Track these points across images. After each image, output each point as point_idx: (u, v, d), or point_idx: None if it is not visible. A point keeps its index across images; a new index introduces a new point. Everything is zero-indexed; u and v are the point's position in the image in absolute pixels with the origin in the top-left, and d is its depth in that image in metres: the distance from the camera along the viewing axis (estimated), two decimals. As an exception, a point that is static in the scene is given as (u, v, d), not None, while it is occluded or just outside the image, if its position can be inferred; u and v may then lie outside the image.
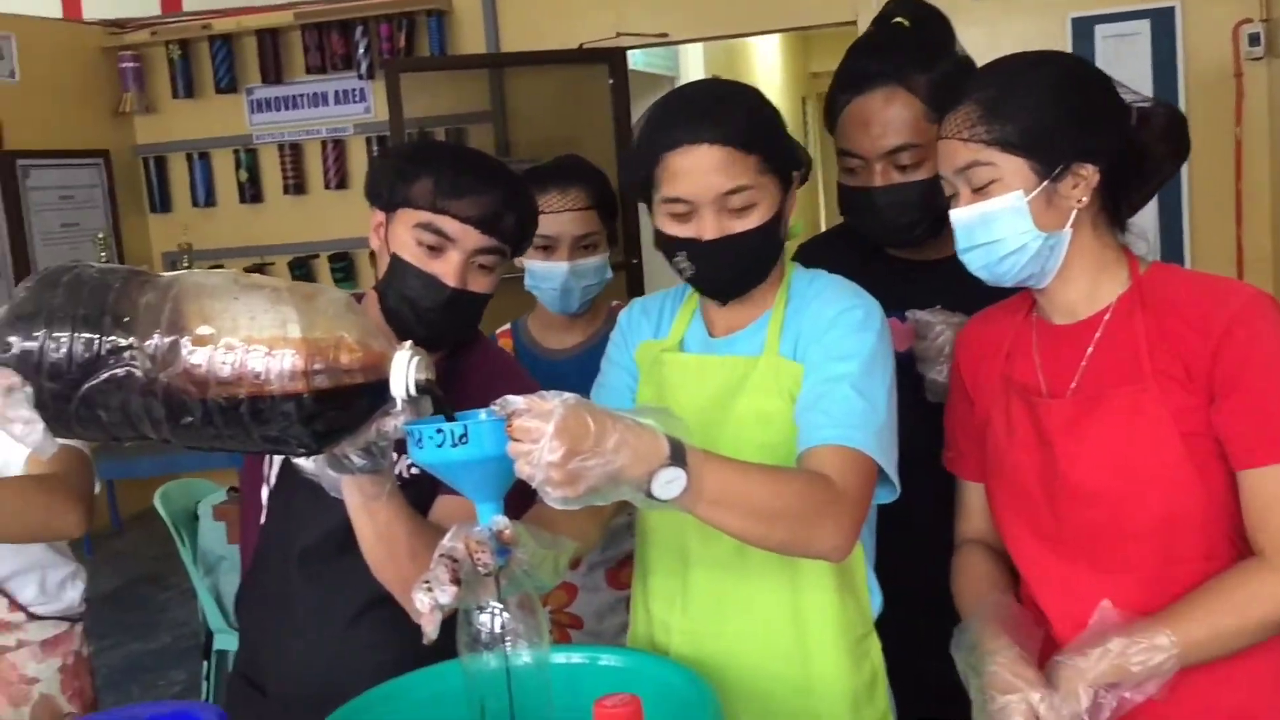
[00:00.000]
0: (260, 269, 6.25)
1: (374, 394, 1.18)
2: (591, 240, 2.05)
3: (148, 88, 6.41)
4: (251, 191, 6.38)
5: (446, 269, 1.48)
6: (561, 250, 2.02)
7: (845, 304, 1.42)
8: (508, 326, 2.21)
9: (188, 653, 4.08)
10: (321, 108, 6.28)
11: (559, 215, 2.00)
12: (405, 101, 5.45)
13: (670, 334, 1.52)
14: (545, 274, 2.03)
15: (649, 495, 1.15)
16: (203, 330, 1.12)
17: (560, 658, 1.35)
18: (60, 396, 1.11)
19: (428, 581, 1.14)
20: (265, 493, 1.54)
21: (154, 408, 1.12)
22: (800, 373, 1.40)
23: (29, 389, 1.10)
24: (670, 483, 1.14)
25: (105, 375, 1.11)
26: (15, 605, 1.76)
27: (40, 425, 1.11)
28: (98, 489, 1.74)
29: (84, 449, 1.72)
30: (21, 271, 5.80)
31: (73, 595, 1.83)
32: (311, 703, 1.34)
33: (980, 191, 1.35)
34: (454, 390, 1.54)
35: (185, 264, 6.31)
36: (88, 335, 1.11)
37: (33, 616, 1.78)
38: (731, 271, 1.42)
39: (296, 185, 6.30)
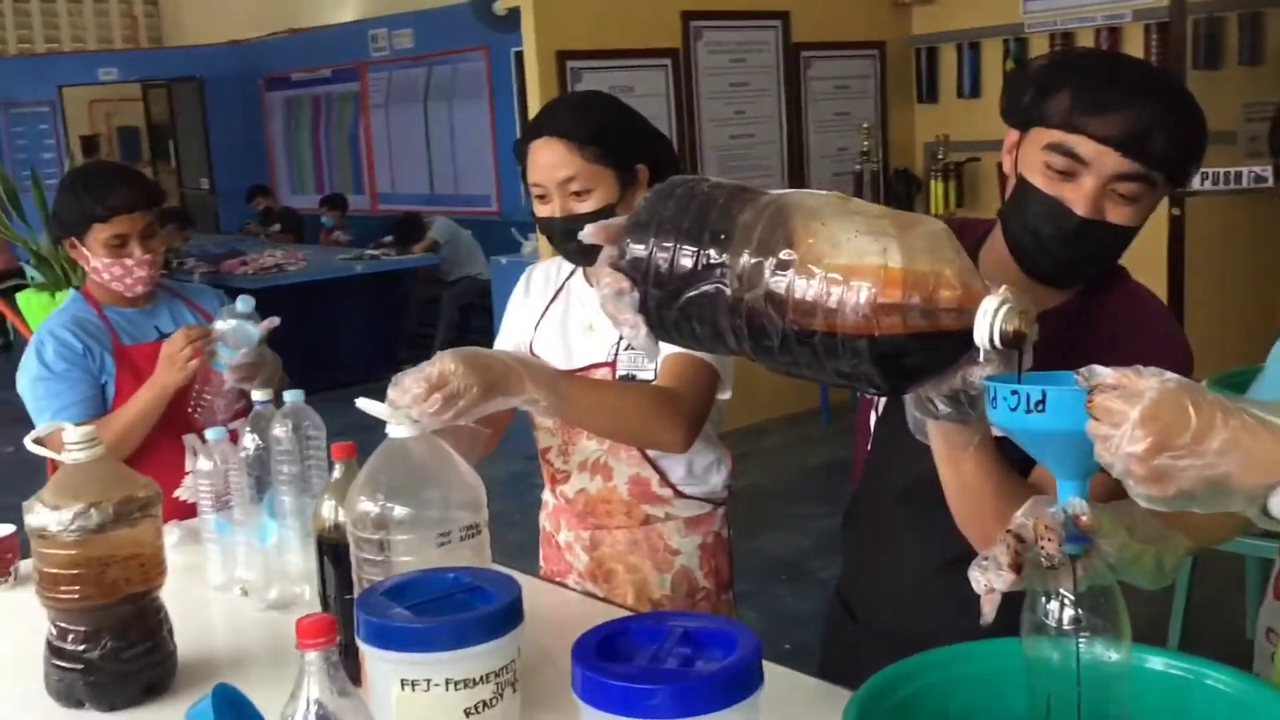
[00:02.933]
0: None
1: (960, 340, 1.07)
2: None
3: (926, -24, 6.49)
4: (1016, 83, 6.22)
5: (1076, 196, 1.29)
6: None
7: None
8: None
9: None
10: (1099, -8, 5.89)
11: None
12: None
13: None
14: None
15: (1266, 513, 0.92)
16: (785, 255, 1.09)
17: (1157, 664, 1.16)
18: (662, 304, 1.16)
19: (986, 560, 1.04)
20: (873, 419, 1.51)
21: (739, 326, 1.13)
22: None
23: (636, 294, 1.16)
24: None
25: (700, 289, 1.13)
26: (665, 482, 1.92)
27: (644, 329, 1.17)
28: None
29: (716, 366, 1.78)
30: (796, 157, 6.28)
31: (716, 480, 1.96)
32: (893, 640, 1.30)
33: None
34: (1076, 337, 1.36)
35: (941, 155, 6.39)
36: (689, 248, 1.14)
37: (680, 494, 1.93)
38: None
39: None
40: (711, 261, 1.12)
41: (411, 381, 1.42)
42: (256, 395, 1.91)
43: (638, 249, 1.17)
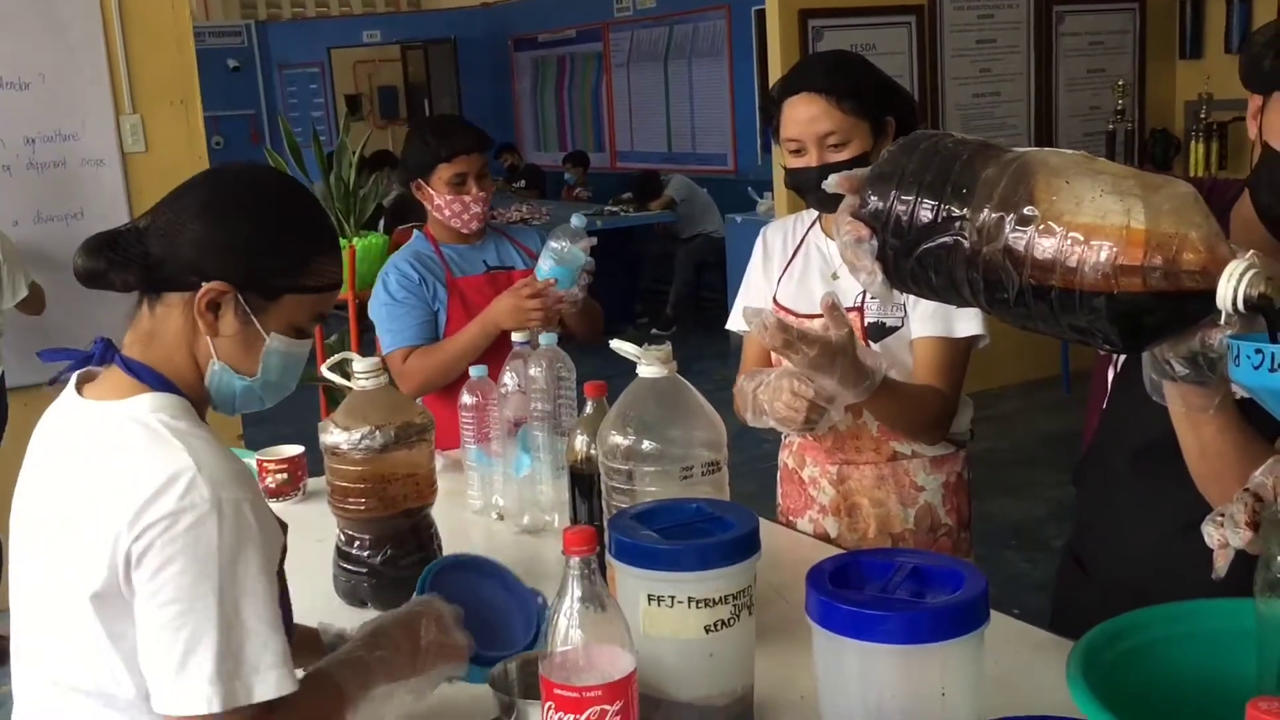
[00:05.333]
0: None
1: (1201, 302, 1.08)
2: None
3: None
4: (1292, 37, 5.81)
5: None
6: None
7: None
8: None
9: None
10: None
11: None
12: None
13: None
14: None
15: None
16: (1027, 211, 1.13)
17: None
18: (900, 253, 1.19)
19: (1221, 516, 1.05)
20: (1110, 374, 1.51)
21: (975, 279, 1.17)
22: None
23: (875, 241, 1.22)
24: None
25: (938, 241, 1.17)
26: None
27: (880, 277, 1.23)
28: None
29: (973, 327, 1.93)
30: (1044, 115, 6.08)
31: (963, 422, 2.02)
32: (1130, 600, 1.32)
33: None
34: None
35: (1203, 115, 6.04)
36: (929, 200, 1.17)
37: None
38: None
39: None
40: (952, 215, 1.16)
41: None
42: (516, 336, 2.07)
43: (879, 199, 1.21)
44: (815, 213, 2.09)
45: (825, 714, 1.19)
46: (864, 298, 1.95)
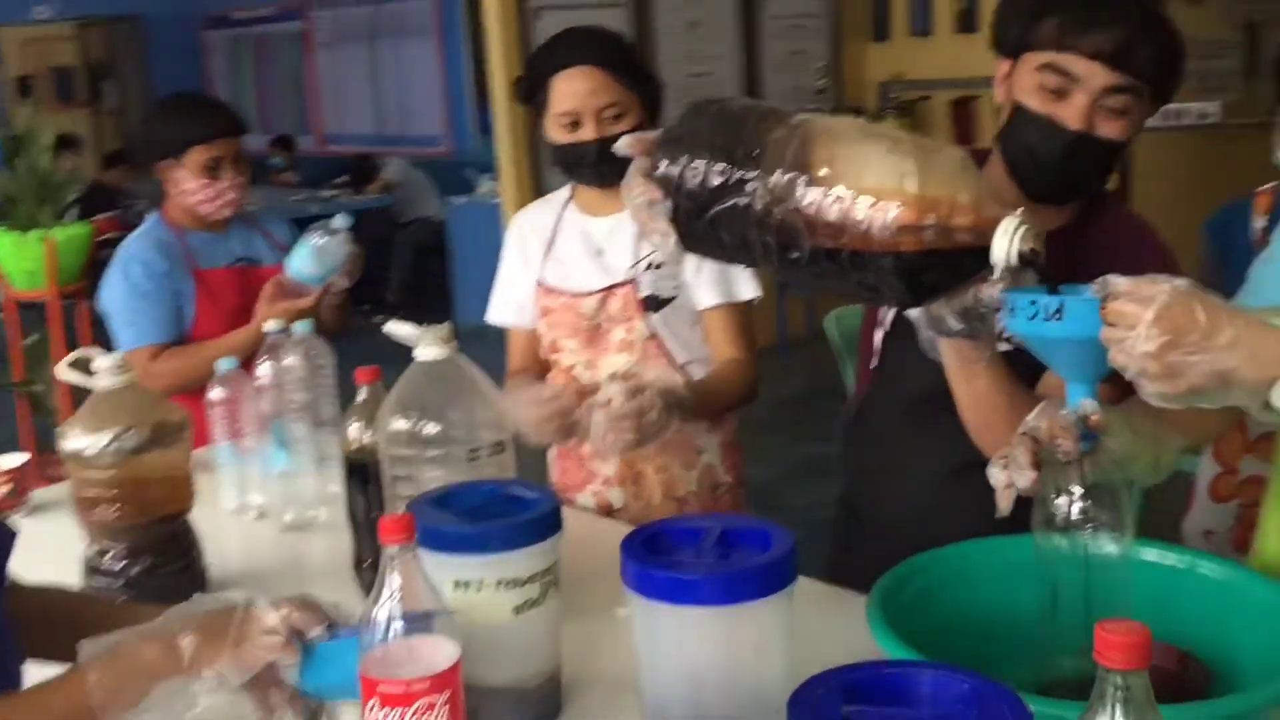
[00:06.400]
0: (966, 103, 6.22)
1: (976, 259, 1.15)
2: None
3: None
4: (968, 20, 6.30)
5: (1070, 112, 1.38)
6: None
7: None
8: (1272, 185, 1.92)
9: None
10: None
11: None
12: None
13: None
14: None
15: (1267, 405, 1.02)
16: (821, 172, 1.16)
17: (1152, 555, 1.27)
18: (692, 215, 1.20)
19: (1005, 458, 1.13)
20: (879, 336, 1.59)
21: (766, 239, 1.19)
22: None
23: (669, 204, 1.22)
24: None
25: (730, 202, 1.18)
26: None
27: (673, 238, 1.23)
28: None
29: (751, 287, 2.00)
30: (751, 97, 6.32)
31: None
32: (905, 544, 1.39)
33: None
34: (1077, 256, 1.45)
35: (894, 95, 6.46)
36: (721, 162, 1.18)
37: None
38: None
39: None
40: (745, 177, 1.18)
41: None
42: (269, 325, 1.96)
43: (670, 161, 1.22)
44: (567, 192, 2.09)
45: (644, 684, 1.18)
46: (636, 271, 1.96)
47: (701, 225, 1.22)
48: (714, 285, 1.97)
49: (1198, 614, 1.22)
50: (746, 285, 1.98)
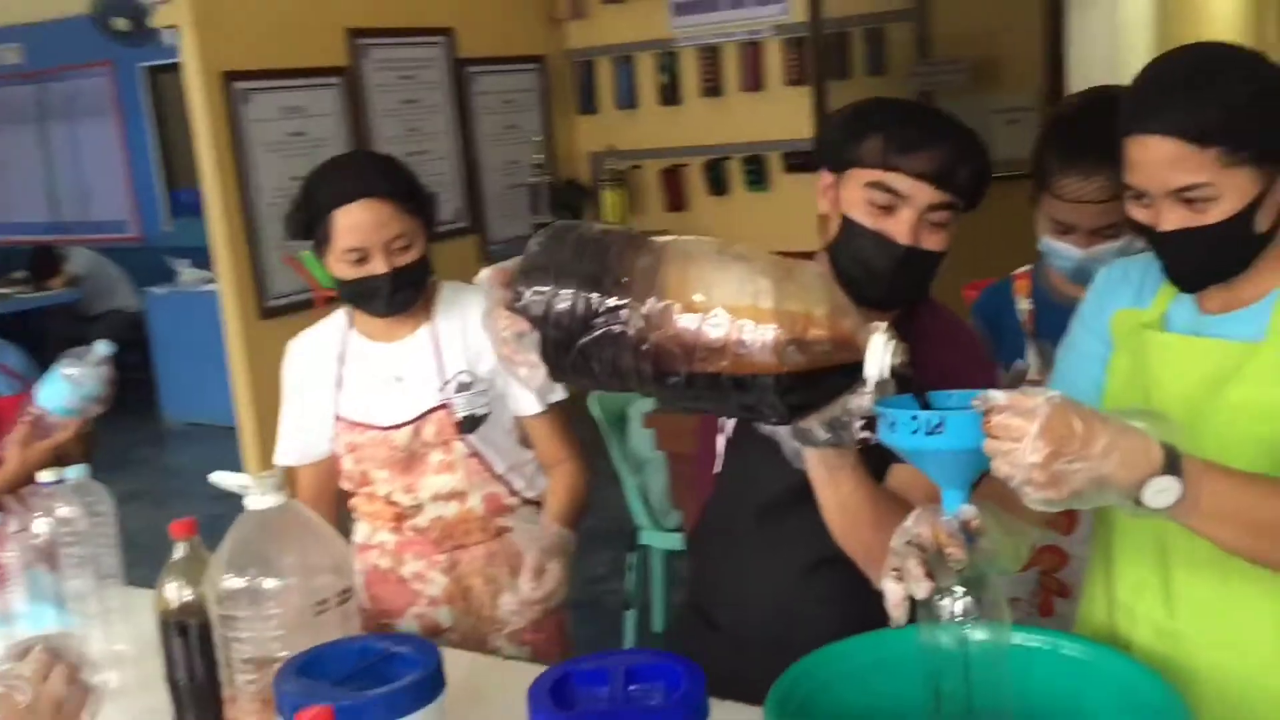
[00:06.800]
0: (676, 170, 6.46)
1: (846, 373, 1.19)
2: None
3: (579, -8, 6.71)
4: (670, 94, 6.56)
5: (899, 227, 1.46)
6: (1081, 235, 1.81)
7: None
8: (1028, 268, 2.03)
9: (612, 537, 4.37)
10: (740, 9, 6.32)
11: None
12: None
13: (1152, 306, 1.41)
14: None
15: (1138, 504, 1.10)
16: (696, 297, 1.16)
17: (1018, 639, 1.34)
18: (561, 346, 1.18)
19: (897, 570, 1.16)
20: (721, 442, 1.62)
21: (642, 366, 1.17)
22: None
23: (536, 335, 1.19)
24: (1163, 492, 1.09)
25: (602, 330, 1.16)
26: (512, 492, 2.03)
27: (543, 370, 1.20)
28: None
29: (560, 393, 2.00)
30: (471, 171, 6.31)
31: (540, 480, 2.07)
32: (761, 645, 1.40)
33: None
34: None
35: (607, 166, 6.63)
36: (589, 293, 1.17)
37: (524, 500, 2.05)
38: (1191, 265, 1.31)
39: (712, 88, 6.42)
40: (617, 305, 1.17)
41: None
42: (43, 476, 1.76)
43: (534, 292, 1.19)
44: (344, 319, 2.01)
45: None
46: (447, 395, 1.92)
47: (572, 355, 1.19)
48: (527, 395, 1.94)
49: (1061, 692, 1.30)
50: (558, 387, 1.96)
